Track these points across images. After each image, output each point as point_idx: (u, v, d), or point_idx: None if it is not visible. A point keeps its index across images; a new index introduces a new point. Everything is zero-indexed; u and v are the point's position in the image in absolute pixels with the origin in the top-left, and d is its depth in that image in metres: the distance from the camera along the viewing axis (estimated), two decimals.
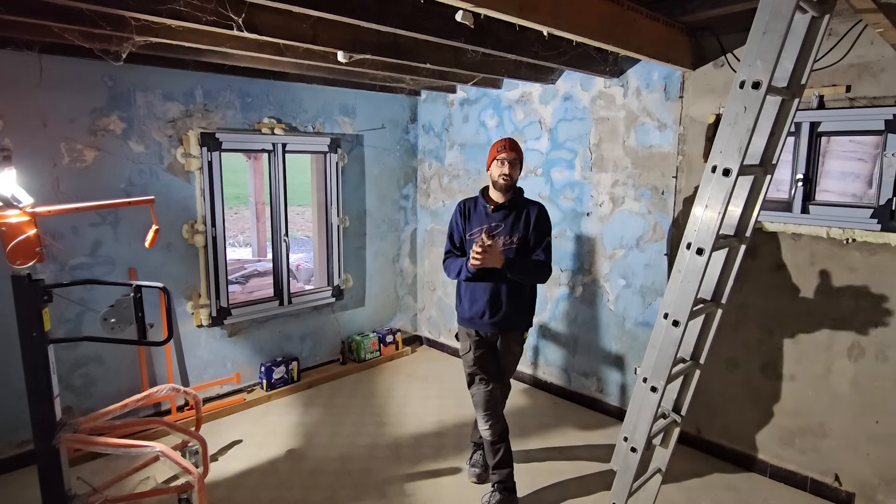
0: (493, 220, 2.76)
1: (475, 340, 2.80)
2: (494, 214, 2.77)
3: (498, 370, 2.84)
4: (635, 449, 2.12)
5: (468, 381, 2.84)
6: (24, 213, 2.24)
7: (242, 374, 4.01)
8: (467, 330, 2.83)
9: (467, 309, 2.80)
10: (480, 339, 2.81)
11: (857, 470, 2.80)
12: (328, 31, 2.55)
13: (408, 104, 4.88)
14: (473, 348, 2.80)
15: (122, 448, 2.45)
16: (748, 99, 1.76)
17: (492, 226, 2.75)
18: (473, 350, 2.80)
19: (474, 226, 2.80)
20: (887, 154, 2.60)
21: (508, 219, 2.75)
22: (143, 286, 2.47)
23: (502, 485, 2.78)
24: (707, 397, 3.23)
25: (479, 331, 2.80)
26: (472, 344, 2.80)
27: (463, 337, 2.87)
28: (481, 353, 2.80)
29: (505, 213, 2.76)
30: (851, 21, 2.58)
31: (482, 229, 2.75)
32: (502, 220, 2.75)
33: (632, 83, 3.51)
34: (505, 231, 2.74)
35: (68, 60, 3.02)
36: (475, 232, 2.78)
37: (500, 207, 2.76)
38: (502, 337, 2.81)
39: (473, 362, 2.79)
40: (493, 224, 2.75)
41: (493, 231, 2.74)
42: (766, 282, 3.01)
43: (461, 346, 2.89)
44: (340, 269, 4.53)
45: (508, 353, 2.87)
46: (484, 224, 2.77)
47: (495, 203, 2.78)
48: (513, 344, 2.85)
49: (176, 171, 3.53)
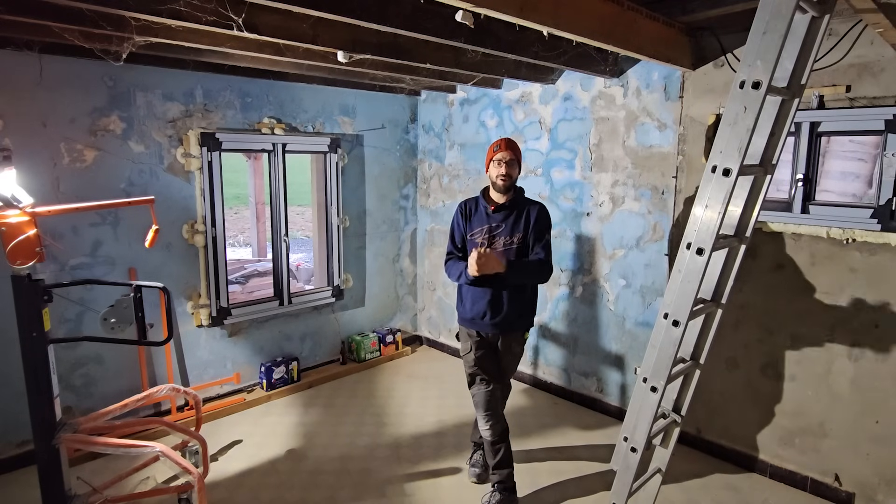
0: (493, 220, 2.76)
1: (476, 341, 2.80)
2: (495, 215, 2.77)
3: (499, 370, 2.84)
4: (635, 449, 2.12)
5: (469, 382, 2.84)
6: (24, 213, 2.24)
7: (242, 374, 4.01)
8: (468, 330, 2.83)
9: (468, 309, 2.79)
10: (481, 339, 2.81)
11: (857, 470, 2.80)
12: (328, 31, 2.54)
13: (408, 104, 4.88)
14: (474, 349, 2.80)
15: (122, 448, 2.45)
16: (748, 99, 1.76)
17: (492, 226, 2.75)
18: (474, 351, 2.80)
19: (475, 226, 2.80)
20: (887, 154, 2.60)
21: (509, 219, 2.75)
22: (143, 286, 2.47)
23: (502, 485, 2.77)
24: (707, 397, 3.23)
25: (479, 331, 2.80)
26: (473, 344, 2.80)
27: (464, 337, 2.87)
28: (482, 354, 2.80)
29: (506, 213, 2.76)
30: (851, 21, 2.58)
31: (483, 230, 2.76)
32: (503, 220, 2.75)
33: (632, 83, 3.51)
34: (505, 231, 2.74)
35: (68, 60, 3.02)
36: (476, 232, 2.79)
37: (501, 208, 2.76)
38: (503, 337, 2.81)
39: (474, 363, 2.79)
40: (493, 224, 2.76)
41: (493, 231, 2.74)
42: (766, 282, 3.01)
43: (462, 347, 2.89)
44: (340, 269, 4.53)
45: (509, 354, 2.87)
46: (485, 224, 2.77)
47: (496, 203, 2.78)
48: (514, 344, 2.85)
49: (176, 171, 3.53)
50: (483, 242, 2.74)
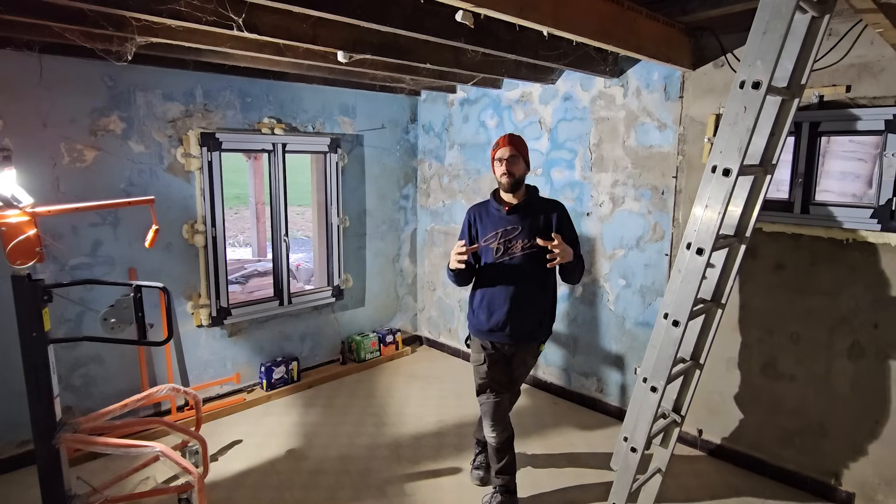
0: (509, 222, 2.63)
1: (489, 353, 2.70)
2: (510, 217, 2.63)
3: (510, 381, 2.77)
4: (635, 449, 2.12)
5: (478, 391, 2.76)
6: (24, 213, 2.24)
7: (242, 374, 4.01)
8: (482, 342, 2.72)
9: (484, 321, 2.67)
10: (495, 351, 2.70)
11: (857, 470, 2.80)
12: (328, 31, 2.54)
13: (408, 104, 4.88)
14: (487, 362, 2.70)
15: (122, 448, 2.44)
16: (748, 99, 1.77)
17: (508, 229, 2.62)
18: (487, 363, 2.70)
19: (488, 230, 2.67)
20: (887, 154, 2.60)
21: (526, 221, 2.61)
22: (143, 286, 2.46)
23: (504, 487, 2.77)
24: (707, 397, 3.23)
25: (495, 343, 2.69)
26: (486, 357, 2.70)
27: (476, 348, 2.76)
28: (495, 367, 2.70)
29: (521, 214, 2.63)
30: (851, 21, 2.58)
31: (497, 233, 2.64)
32: (519, 221, 2.62)
33: (632, 83, 3.51)
34: (524, 234, 2.60)
35: (68, 60, 3.02)
36: (490, 237, 2.65)
37: (516, 209, 2.64)
38: (519, 350, 2.72)
39: (486, 375, 2.71)
40: (509, 227, 2.62)
41: (510, 235, 2.62)
42: (766, 282, 3.01)
43: (473, 357, 2.78)
44: (340, 269, 4.53)
45: (523, 366, 2.80)
46: (500, 228, 2.63)
47: (509, 204, 2.65)
48: (528, 358, 2.78)
49: (176, 171, 3.53)
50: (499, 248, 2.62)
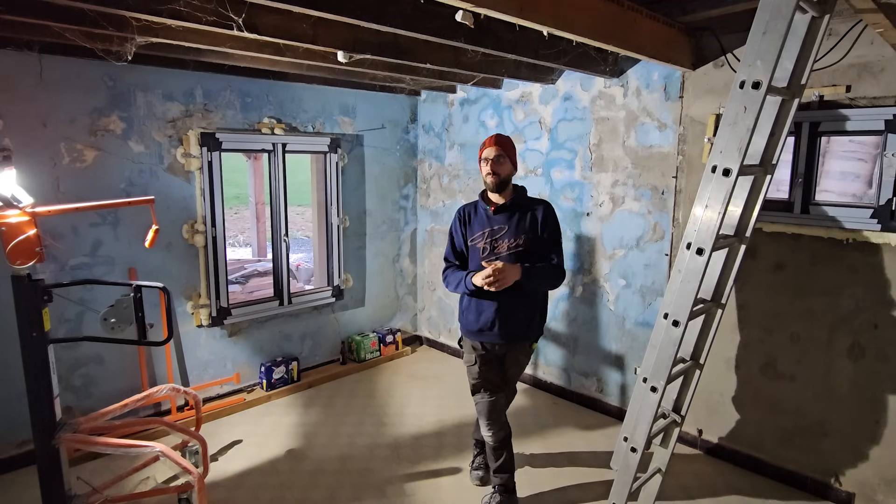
0: (495, 222, 2.65)
1: (480, 354, 2.69)
2: (497, 216, 2.65)
3: (503, 380, 2.76)
4: (635, 449, 2.12)
5: (472, 391, 2.76)
6: (24, 213, 2.24)
7: (242, 374, 4.01)
8: (472, 343, 2.72)
9: (473, 322, 2.66)
10: (486, 352, 2.69)
11: (857, 470, 2.80)
12: (328, 31, 2.54)
13: (408, 104, 4.88)
14: (478, 362, 2.69)
15: (122, 448, 2.45)
16: (748, 99, 1.77)
17: (494, 228, 2.64)
18: (478, 364, 2.70)
19: (476, 230, 2.69)
20: (887, 154, 2.60)
21: (512, 220, 2.63)
22: (143, 286, 2.47)
23: (503, 487, 2.77)
24: (707, 397, 3.23)
25: (485, 343, 2.68)
26: (477, 358, 2.69)
27: (468, 349, 2.75)
28: (487, 367, 2.70)
29: (508, 214, 2.65)
30: (851, 21, 2.58)
31: (484, 233, 2.65)
32: (506, 221, 2.64)
33: (632, 83, 3.51)
34: (510, 234, 2.61)
35: (68, 60, 3.02)
36: (477, 237, 2.68)
37: (503, 209, 2.65)
38: (510, 349, 2.71)
39: (478, 375, 2.70)
40: (495, 227, 2.64)
41: (496, 234, 2.63)
42: (766, 282, 3.01)
43: (465, 358, 2.77)
44: (340, 269, 4.53)
45: (516, 366, 2.79)
46: (486, 228, 2.65)
47: (496, 204, 2.66)
48: (521, 357, 2.77)
49: (176, 171, 3.53)
50: (485, 247, 2.63)
